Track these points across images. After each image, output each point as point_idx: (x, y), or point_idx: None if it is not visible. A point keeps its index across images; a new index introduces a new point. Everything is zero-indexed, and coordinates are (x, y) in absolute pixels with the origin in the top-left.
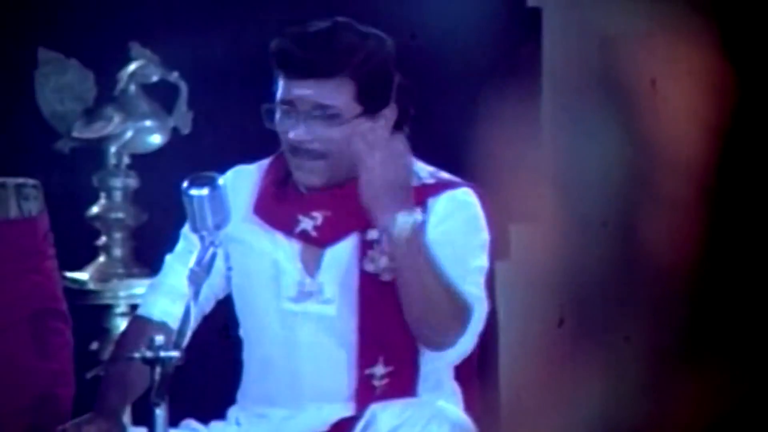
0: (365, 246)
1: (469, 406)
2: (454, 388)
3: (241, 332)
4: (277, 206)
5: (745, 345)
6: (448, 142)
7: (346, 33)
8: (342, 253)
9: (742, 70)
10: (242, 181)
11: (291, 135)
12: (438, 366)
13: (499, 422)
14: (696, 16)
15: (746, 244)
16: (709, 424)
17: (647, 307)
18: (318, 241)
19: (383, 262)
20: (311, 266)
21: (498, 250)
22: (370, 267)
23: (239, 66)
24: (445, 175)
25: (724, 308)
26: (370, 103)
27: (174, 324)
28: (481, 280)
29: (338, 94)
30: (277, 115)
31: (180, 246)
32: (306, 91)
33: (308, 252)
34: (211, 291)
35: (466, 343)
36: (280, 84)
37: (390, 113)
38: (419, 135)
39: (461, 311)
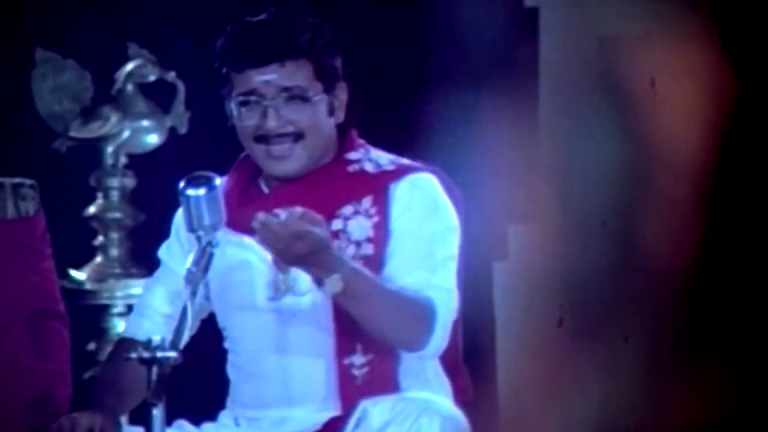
0: (330, 236)
1: (458, 398)
2: (442, 380)
3: (225, 344)
4: (241, 211)
5: (745, 345)
6: (446, 142)
7: (291, 17)
8: None
9: (741, 70)
10: None
11: (267, 123)
12: (421, 357)
13: (498, 422)
14: (695, 17)
15: (746, 244)
16: (708, 424)
17: (646, 307)
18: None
19: (351, 250)
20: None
21: (496, 250)
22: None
23: None
24: (405, 162)
25: (723, 308)
26: (327, 80)
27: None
28: (451, 269)
29: (300, 74)
30: (241, 110)
31: (159, 270)
32: (269, 76)
33: None
34: (194, 312)
35: (438, 338)
36: (237, 78)
37: (342, 94)
38: (419, 135)
39: (421, 315)
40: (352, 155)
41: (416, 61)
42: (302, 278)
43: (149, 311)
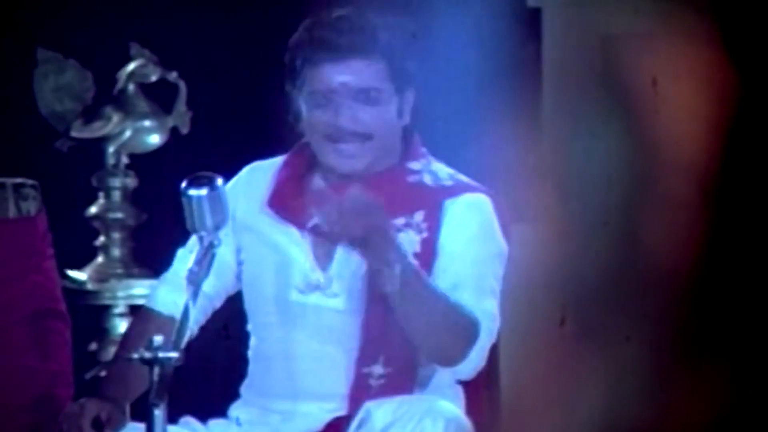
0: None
1: (471, 411)
2: (457, 391)
3: (249, 326)
4: (292, 200)
5: (745, 345)
6: (448, 143)
7: (369, 15)
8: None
9: (743, 70)
10: (258, 176)
11: (340, 122)
12: (438, 371)
13: (500, 422)
14: (697, 16)
15: (747, 244)
16: (709, 424)
17: (648, 307)
18: (330, 236)
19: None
20: (323, 260)
21: None
22: None
23: (238, 65)
24: (464, 178)
25: (724, 308)
26: (399, 82)
27: (176, 313)
28: (496, 294)
29: (375, 73)
30: (312, 106)
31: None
32: (346, 77)
33: (321, 246)
34: (222, 286)
35: (476, 358)
36: (311, 73)
37: (411, 97)
38: (419, 135)
39: (465, 330)
40: (414, 165)
41: (417, 61)
42: (338, 281)
43: (170, 276)
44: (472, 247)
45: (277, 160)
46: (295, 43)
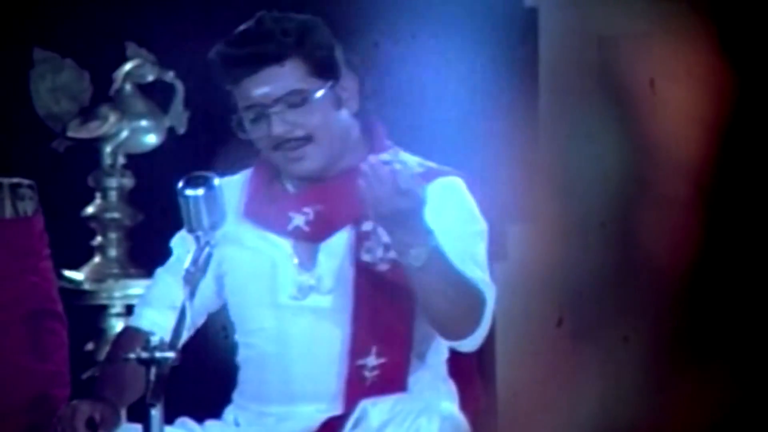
0: (361, 237)
1: (465, 406)
2: (450, 386)
3: (237, 336)
4: (267, 207)
5: (745, 345)
6: (445, 143)
7: (276, 20)
8: (337, 245)
9: (741, 71)
10: (229, 190)
11: (273, 131)
12: (431, 363)
13: (496, 422)
14: (695, 16)
15: (745, 245)
16: (708, 424)
17: (646, 308)
18: (312, 237)
19: (380, 252)
20: (307, 261)
21: (496, 250)
22: (366, 257)
23: None
24: (433, 165)
25: (722, 308)
26: (326, 75)
27: (163, 334)
28: (486, 267)
29: (294, 75)
30: (248, 122)
31: (171, 258)
32: (264, 88)
33: (303, 248)
34: (202, 304)
35: (483, 329)
36: (236, 91)
37: (350, 82)
38: (418, 135)
39: (476, 300)
40: (382, 157)
41: (416, 61)
42: (326, 277)
43: (152, 298)
44: (455, 226)
45: (245, 173)
46: (213, 67)
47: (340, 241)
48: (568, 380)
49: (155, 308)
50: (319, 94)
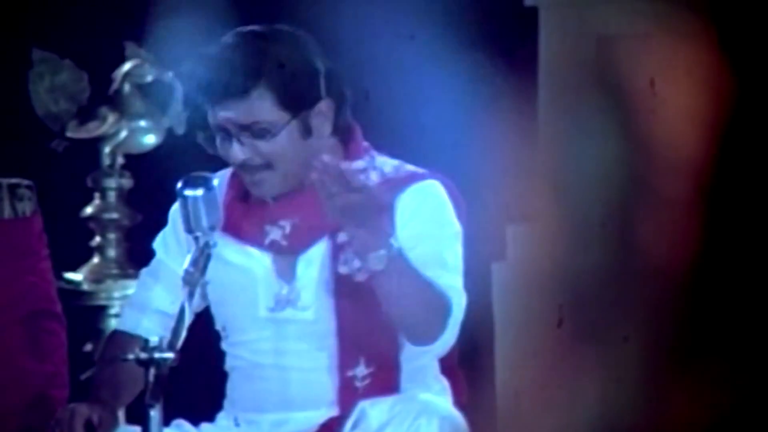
0: (337, 249)
1: (458, 399)
2: (443, 383)
3: (223, 345)
4: (244, 220)
5: (745, 345)
6: (445, 143)
7: (251, 44)
8: (314, 258)
9: (740, 71)
10: None
11: (231, 157)
12: (422, 363)
13: (496, 423)
14: (695, 16)
15: (745, 245)
16: (708, 424)
17: (646, 308)
18: (289, 249)
19: (356, 263)
20: (286, 274)
21: (496, 250)
22: (344, 269)
23: None
24: (409, 168)
25: (723, 308)
26: (296, 107)
27: (149, 337)
28: (459, 272)
29: (259, 109)
30: (218, 140)
31: (153, 264)
32: (228, 113)
33: (281, 261)
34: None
35: (449, 334)
36: (209, 110)
37: (326, 108)
38: (417, 135)
39: (441, 307)
40: (358, 164)
41: (416, 61)
42: (306, 292)
43: (147, 309)
44: (429, 230)
45: (223, 177)
46: (182, 81)
47: (317, 254)
48: (569, 380)
49: (147, 316)
50: (285, 125)
